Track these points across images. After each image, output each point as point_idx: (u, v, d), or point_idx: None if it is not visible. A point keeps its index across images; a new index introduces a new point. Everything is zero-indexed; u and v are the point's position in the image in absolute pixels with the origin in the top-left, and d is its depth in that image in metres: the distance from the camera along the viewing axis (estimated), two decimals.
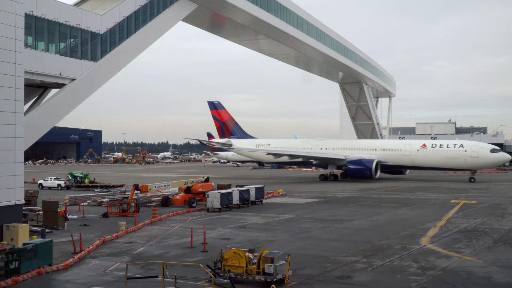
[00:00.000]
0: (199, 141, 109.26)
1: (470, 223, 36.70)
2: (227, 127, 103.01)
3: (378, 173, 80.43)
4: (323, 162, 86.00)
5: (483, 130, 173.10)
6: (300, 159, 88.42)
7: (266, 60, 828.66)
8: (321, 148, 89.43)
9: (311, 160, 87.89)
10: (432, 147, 79.92)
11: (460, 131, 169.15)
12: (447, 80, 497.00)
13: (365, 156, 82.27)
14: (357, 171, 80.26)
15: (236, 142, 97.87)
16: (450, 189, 66.46)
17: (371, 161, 79.24)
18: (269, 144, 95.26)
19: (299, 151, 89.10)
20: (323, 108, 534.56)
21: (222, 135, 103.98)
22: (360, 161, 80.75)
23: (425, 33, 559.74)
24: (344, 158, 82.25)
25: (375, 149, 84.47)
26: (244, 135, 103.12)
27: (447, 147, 78.52)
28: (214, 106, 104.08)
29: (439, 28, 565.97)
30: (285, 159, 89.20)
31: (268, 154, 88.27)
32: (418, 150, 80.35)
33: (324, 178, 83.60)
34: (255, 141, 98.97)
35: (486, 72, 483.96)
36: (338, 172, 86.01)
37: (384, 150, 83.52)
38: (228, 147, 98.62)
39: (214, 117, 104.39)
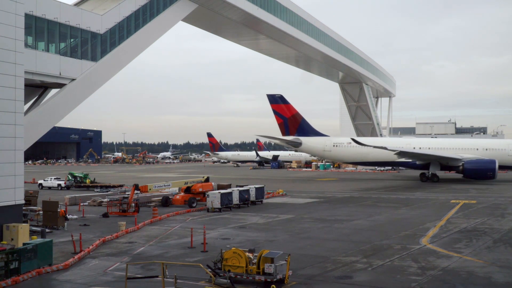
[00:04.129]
0: (270, 138, 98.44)
1: (470, 223, 36.69)
2: (292, 123, 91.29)
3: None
4: (443, 162, 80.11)
5: (483, 130, 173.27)
6: (411, 160, 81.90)
7: (266, 60, 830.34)
8: (414, 147, 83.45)
9: (410, 160, 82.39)
10: None
11: (460, 131, 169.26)
12: (447, 80, 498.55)
13: (479, 156, 79.23)
14: (478, 172, 76.86)
15: (307, 140, 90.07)
16: (450, 189, 66.46)
17: (493, 161, 76.31)
18: (350, 142, 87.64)
19: (426, 151, 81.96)
20: (323, 108, 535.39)
21: (286, 133, 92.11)
22: (480, 161, 77.56)
23: (425, 33, 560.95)
24: (460, 158, 78.87)
25: (477, 149, 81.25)
26: (314, 132, 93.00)
27: None
28: (276, 100, 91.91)
29: (439, 28, 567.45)
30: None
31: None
32: None
33: (426, 178, 79.52)
34: (332, 140, 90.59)
35: (486, 72, 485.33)
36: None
37: (486, 149, 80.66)
38: (294, 145, 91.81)
39: (275, 112, 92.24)
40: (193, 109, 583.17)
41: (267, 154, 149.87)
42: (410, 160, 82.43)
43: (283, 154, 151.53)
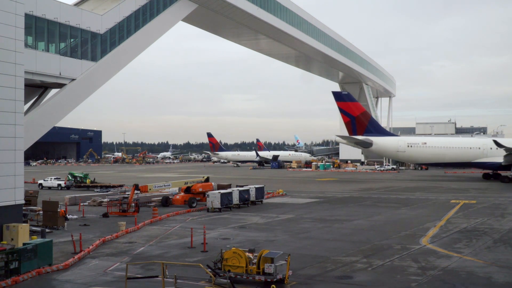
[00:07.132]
0: (342, 137, 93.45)
1: (470, 223, 36.69)
2: (360, 122, 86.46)
3: None
4: None
5: (483, 130, 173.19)
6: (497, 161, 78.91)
7: (266, 60, 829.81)
8: (491, 148, 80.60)
9: (491, 161, 80.00)
10: None
11: (460, 131, 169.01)
12: (447, 80, 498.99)
13: None
14: None
15: (379, 141, 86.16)
16: (450, 189, 66.44)
17: None
18: (425, 142, 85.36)
19: None
20: (323, 108, 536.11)
21: (353, 132, 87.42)
22: None
23: (425, 33, 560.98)
24: None
25: None
26: (383, 132, 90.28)
27: None
28: (342, 98, 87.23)
29: (439, 28, 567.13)
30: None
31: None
32: None
33: (508, 180, 76.43)
34: (405, 140, 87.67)
35: (486, 72, 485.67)
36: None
37: None
38: (365, 146, 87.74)
39: (341, 110, 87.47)
40: (193, 109, 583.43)
41: (267, 154, 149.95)
42: (493, 161, 79.35)
43: (283, 154, 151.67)
